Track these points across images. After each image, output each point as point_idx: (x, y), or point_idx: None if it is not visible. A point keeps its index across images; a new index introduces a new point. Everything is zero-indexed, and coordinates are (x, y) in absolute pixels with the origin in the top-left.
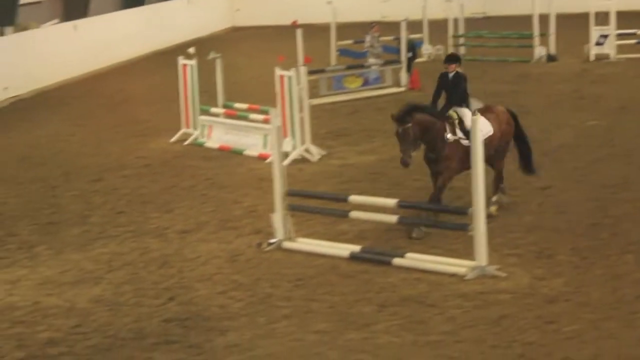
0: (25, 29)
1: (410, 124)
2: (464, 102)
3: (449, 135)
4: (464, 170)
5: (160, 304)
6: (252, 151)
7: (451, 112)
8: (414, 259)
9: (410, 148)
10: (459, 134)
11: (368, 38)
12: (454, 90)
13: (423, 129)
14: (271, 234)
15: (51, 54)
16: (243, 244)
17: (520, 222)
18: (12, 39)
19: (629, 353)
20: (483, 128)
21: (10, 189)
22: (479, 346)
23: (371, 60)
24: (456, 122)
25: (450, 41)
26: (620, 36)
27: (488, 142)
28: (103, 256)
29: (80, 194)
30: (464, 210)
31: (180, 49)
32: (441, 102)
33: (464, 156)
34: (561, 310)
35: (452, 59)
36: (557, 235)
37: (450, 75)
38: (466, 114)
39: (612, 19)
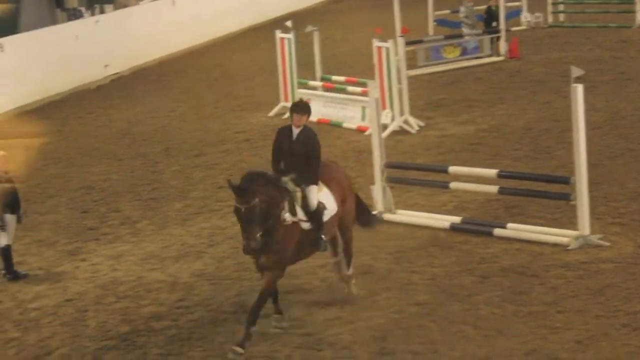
0: (124, 6)
1: (257, 200)
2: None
3: (286, 215)
4: (297, 261)
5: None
6: (351, 124)
7: (291, 185)
8: (515, 230)
9: (256, 230)
10: (300, 214)
11: (462, 9)
12: (308, 154)
13: (269, 206)
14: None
15: (150, 31)
16: None
17: (624, 191)
18: (112, 17)
19: None
20: (327, 205)
21: (112, 166)
22: (582, 316)
23: (465, 31)
24: (298, 198)
25: (550, 8)
26: None
27: (331, 222)
28: (205, 231)
29: (181, 169)
30: (566, 179)
31: (277, 23)
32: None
33: (301, 244)
34: None
35: (302, 108)
36: None
37: (296, 132)
38: (312, 189)
39: None
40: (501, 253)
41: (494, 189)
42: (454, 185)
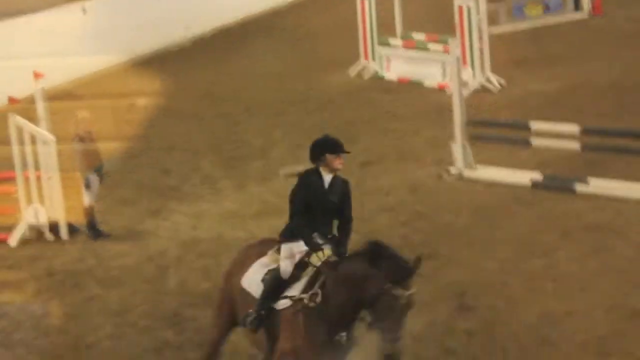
0: None
1: None
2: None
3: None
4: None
5: None
6: (432, 82)
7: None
8: (597, 186)
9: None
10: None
11: None
12: (343, 211)
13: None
14: (452, 164)
15: None
16: (424, 174)
17: None
18: None
19: None
20: None
21: (194, 125)
22: None
23: None
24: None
25: None
26: None
27: None
28: (284, 189)
29: (262, 128)
30: None
31: None
32: None
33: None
34: None
35: (343, 146)
36: None
37: (329, 178)
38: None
39: None
40: (583, 209)
41: (576, 145)
42: (535, 141)
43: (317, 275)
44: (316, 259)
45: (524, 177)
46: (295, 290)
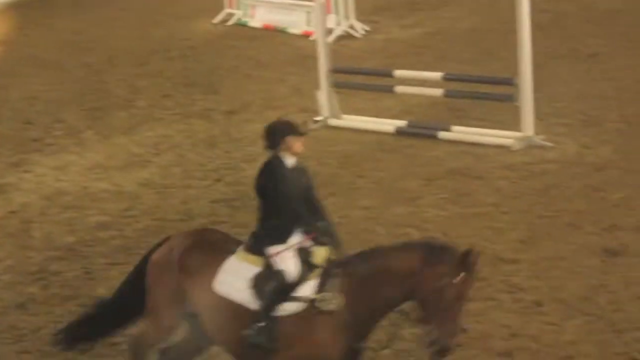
0: None
1: None
2: None
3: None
4: None
5: (208, 185)
6: (296, 29)
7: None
8: (460, 132)
9: None
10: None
11: None
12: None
13: None
14: (317, 112)
15: None
16: None
17: (568, 91)
18: None
19: None
20: None
21: (56, 75)
22: (526, 216)
23: None
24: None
25: None
26: None
27: None
28: (150, 139)
29: (125, 78)
30: (510, 81)
31: None
32: None
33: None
34: (609, 178)
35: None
36: (604, 102)
37: (291, 163)
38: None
39: None
40: (446, 156)
41: (439, 92)
42: (399, 89)
43: (327, 275)
44: (321, 258)
45: (389, 124)
46: (304, 291)
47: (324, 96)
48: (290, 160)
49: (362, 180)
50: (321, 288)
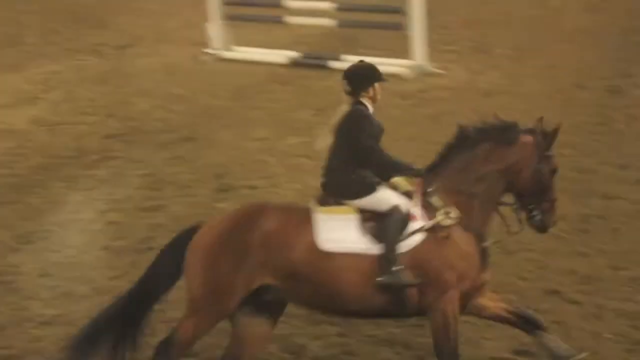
0: None
1: None
2: None
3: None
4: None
5: (100, 120)
6: None
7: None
8: (352, 62)
9: None
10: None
11: None
12: None
13: None
14: (209, 45)
15: None
16: (181, 57)
17: (458, 19)
18: None
19: (566, 140)
20: None
21: None
22: (418, 143)
23: None
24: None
25: None
26: None
27: None
28: (39, 76)
29: (12, 15)
30: (400, 9)
31: None
32: None
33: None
34: (499, 102)
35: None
36: (493, 29)
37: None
38: None
39: None
40: (338, 85)
41: (330, 22)
42: (290, 19)
43: (426, 196)
44: (406, 186)
45: (281, 55)
46: (416, 224)
47: (215, 28)
48: (370, 108)
49: (255, 112)
50: (430, 209)
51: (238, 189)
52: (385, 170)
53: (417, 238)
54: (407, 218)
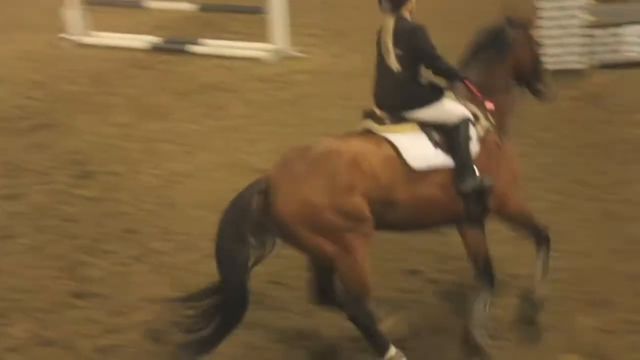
0: None
1: None
2: None
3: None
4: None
5: None
6: None
7: None
8: (213, 46)
9: None
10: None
11: None
12: None
13: None
14: (66, 31)
15: None
16: (39, 43)
17: (318, 3)
18: None
19: None
20: None
21: None
22: (279, 127)
23: None
24: None
25: None
26: None
27: None
28: None
29: None
30: None
31: None
32: None
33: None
34: (359, 84)
35: None
36: (353, 12)
37: None
38: None
39: None
40: (199, 70)
41: (191, 6)
42: (150, 4)
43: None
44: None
45: (142, 40)
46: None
47: (74, 14)
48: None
49: (115, 97)
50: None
51: (98, 175)
52: (450, 75)
53: (477, 144)
54: (469, 126)
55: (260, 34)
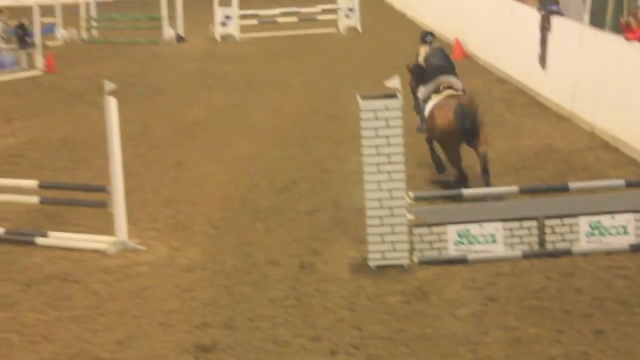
0: None
1: None
2: None
3: None
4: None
5: None
6: None
7: None
8: (56, 238)
9: None
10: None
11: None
12: None
13: None
14: None
15: None
16: None
17: (157, 197)
18: None
19: (262, 313)
20: None
21: None
22: (121, 317)
23: (1, 46)
24: None
25: (84, 24)
26: (243, 17)
27: None
28: None
29: None
30: (103, 188)
31: None
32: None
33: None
34: (198, 278)
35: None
36: (191, 207)
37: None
38: None
39: None
40: (44, 261)
41: (35, 199)
42: None
43: None
44: None
45: None
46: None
47: None
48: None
49: None
50: None
51: None
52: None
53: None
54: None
55: (102, 226)
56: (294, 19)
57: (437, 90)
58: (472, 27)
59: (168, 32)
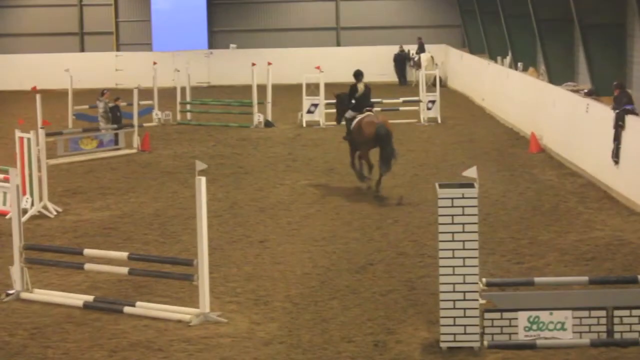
0: None
1: None
2: None
3: None
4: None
5: None
6: None
7: None
8: (143, 307)
9: None
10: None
11: (100, 104)
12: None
13: None
14: (10, 286)
15: None
16: None
17: (240, 272)
18: None
19: None
20: None
21: None
22: None
23: (102, 125)
24: None
25: (178, 107)
26: (329, 105)
27: None
28: None
29: None
30: (189, 262)
31: None
32: None
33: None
34: (275, 351)
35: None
36: (272, 283)
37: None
38: None
39: (322, 90)
40: (130, 329)
41: (124, 270)
42: (88, 266)
43: None
44: None
45: (77, 299)
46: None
47: (16, 271)
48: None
49: (51, 351)
50: None
51: None
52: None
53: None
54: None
55: (186, 298)
56: (377, 109)
57: (361, 112)
58: (548, 122)
59: (258, 118)
